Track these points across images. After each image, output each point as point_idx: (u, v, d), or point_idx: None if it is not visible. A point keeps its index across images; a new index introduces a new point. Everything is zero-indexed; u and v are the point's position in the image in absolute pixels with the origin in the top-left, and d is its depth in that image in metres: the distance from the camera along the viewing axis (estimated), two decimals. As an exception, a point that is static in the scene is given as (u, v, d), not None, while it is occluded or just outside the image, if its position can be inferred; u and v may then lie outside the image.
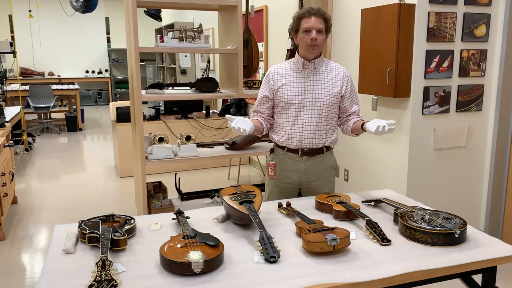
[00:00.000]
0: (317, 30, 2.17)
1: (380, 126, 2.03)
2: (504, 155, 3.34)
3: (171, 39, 3.51)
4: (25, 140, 6.87)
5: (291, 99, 2.27)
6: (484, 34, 3.20)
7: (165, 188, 4.17)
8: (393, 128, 2.05)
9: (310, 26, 2.17)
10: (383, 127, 2.03)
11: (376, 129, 2.04)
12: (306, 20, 2.18)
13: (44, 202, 4.58)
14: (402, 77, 3.06)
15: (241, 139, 3.81)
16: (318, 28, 2.17)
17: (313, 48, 2.21)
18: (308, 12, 2.19)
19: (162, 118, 5.62)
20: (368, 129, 2.12)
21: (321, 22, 2.18)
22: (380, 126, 2.03)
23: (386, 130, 2.03)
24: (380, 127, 2.03)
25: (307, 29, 2.18)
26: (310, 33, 2.17)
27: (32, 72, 11.68)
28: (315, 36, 2.17)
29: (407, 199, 2.24)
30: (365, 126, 2.16)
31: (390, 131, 2.05)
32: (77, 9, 6.31)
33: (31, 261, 3.27)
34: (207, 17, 7.32)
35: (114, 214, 1.87)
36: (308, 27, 2.18)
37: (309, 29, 2.18)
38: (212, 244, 1.55)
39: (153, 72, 10.53)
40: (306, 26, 2.18)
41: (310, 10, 2.19)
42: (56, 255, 1.62)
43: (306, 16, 2.19)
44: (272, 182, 2.44)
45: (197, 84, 3.65)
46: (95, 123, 9.60)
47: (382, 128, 2.03)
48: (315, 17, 2.17)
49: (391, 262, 1.55)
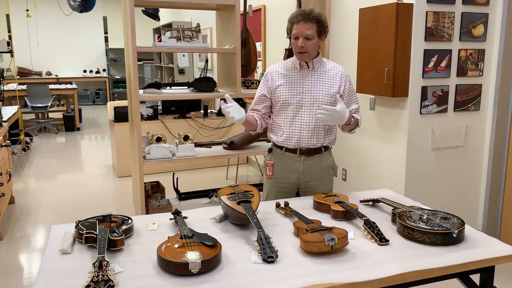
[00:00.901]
0: (305, 37, 2.15)
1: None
2: (502, 154, 3.34)
3: (169, 38, 3.50)
4: (22, 140, 6.85)
5: (289, 99, 2.27)
6: (482, 33, 3.21)
7: (163, 188, 4.16)
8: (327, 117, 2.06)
9: (296, 33, 2.17)
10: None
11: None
12: (295, 26, 2.18)
13: (42, 202, 4.57)
14: (400, 77, 3.06)
15: (239, 138, 3.80)
16: (305, 35, 2.15)
17: (301, 56, 2.21)
18: (297, 17, 2.17)
19: (160, 117, 5.61)
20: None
21: (310, 27, 2.14)
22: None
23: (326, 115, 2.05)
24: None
25: (295, 36, 2.18)
26: (297, 40, 2.17)
27: (30, 72, 11.65)
28: (302, 43, 2.16)
29: (405, 199, 2.24)
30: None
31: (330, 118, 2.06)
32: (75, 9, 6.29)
33: (28, 261, 3.26)
34: (205, 17, 7.31)
35: (112, 214, 1.87)
36: (295, 34, 2.18)
37: (296, 36, 2.18)
38: (210, 244, 1.54)
39: (151, 71, 10.52)
40: (294, 32, 2.18)
41: (301, 14, 2.16)
42: (53, 255, 1.61)
43: (294, 21, 2.18)
44: (270, 182, 2.43)
45: (195, 84, 3.64)
46: (93, 123, 9.59)
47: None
48: (304, 23, 2.14)
49: (389, 262, 1.55)
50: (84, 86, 12.77)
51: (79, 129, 8.74)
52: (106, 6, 12.58)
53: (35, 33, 11.93)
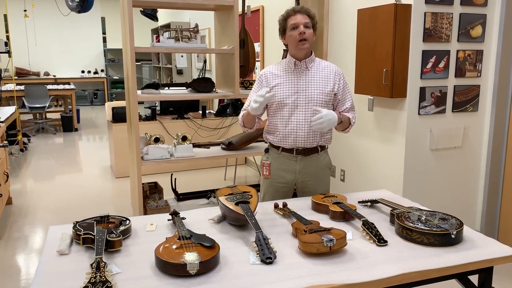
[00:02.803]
0: (304, 25, 2.21)
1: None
2: (500, 155, 3.35)
3: (167, 39, 3.49)
4: (20, 140, 6.83)
5: (284, 99, 2.27)
6: (480, 34, 3.21)
7: (161, 188, 4.16)
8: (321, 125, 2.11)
9: (296, 22, 2.22)
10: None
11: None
12: (292, 18, 2.24)
13: (39, 202, 4.55)
14: (398, 78, 3.06)
15: (237, 139, 3.80)
16: (304, 23, 2.21)
17: (303, 43, 2.23)
18: (292, 10, 2.25)
19: (158, 118, 5.60)
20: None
21: (306, 18, 2.23)
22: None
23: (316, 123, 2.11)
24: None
25: (294, 25, 2.23)
26: (298, 28, 2.21)
27: (28, 72, 11.63)
28: (303, 29, 2.21)
29: (404, 200, 2.24)
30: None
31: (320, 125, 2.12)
32: (73, 9, 6.28)
33: (26, 262, 3.25)
34: (203, 17, 7.31)
35: (109, 215, 1.86)
36: (295, 23, 2.23)
37: (296, 25, 2.22)
38: (208, 245, 1.54)
39: (149, 72, 10.50)
40: (293, 22, 2.23)
41: (294, 8, 2.26)
42: (50, 256, 1.60)
43: (291, 14, 2.25)
44: (267, 182, 2.43)
45: (193, 84, 3.64)
46: (91, 123, 9.57)
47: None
48: (300, 14, 2.23)
49: (388, 262, 1.55)
50: (82, 87, 12.75)
51: (77, 130, 8.72)
52: (104, 7, 12.56)
53: (33, 34, 11.91)
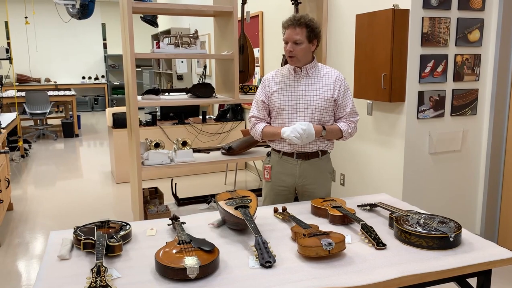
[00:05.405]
0: (293, 41, 2.20)
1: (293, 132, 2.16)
2: (498, 159, 3.35)
3: (167, 45, 3.51)
4: (21, 146, 6.85)
5: (283, 104, 2.29)
6: (477, 38, 3.23)
7: (161, 193, 4.16)
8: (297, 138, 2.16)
9: (286, 38, 2.23)
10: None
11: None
12: (286, 32, 2.23)
13: (40, 208, 4.56)
14: (396, 82, 3.08)
15: (237, 144, 3.81)
16: (294, 40, 2.19)
17: (291, 60, 2.24)
18: (287, 22, 2.23)
19: (158, 123, 5.62)
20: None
21: (298, 32, 2.19)
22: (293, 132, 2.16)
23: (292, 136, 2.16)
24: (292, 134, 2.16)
25: (285, 40, 2.24)
26: (288, 44, 2.22)
27: (28, 79, 11.66)
28: (290, 48, 2.21)
29: (403, 203, 2.24)
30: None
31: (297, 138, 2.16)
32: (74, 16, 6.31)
33: (26, 268, 3.26)
34: (203, 23, 7.35)
35: (110, 220, 1.87)
36: (285, 39, 2.24)
37: (285, 41, 2.23)
38: (208, 250, 1.55)
39: (150, 78, 10.53)
40: (285, 37, 2.23)
41: (291, 19, 2.22)
42: (51, 262, 1.61)
43: (285, 27, 2.24)
44: (268, 185, 2.44)
45: (193, 90, 3.66)
46: (92, 129, 9.59)
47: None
48: (293, 28, 2.19)
49: (387, 266, 1.56)
50: (83, 93, 12.79)
51: (78, 136, 8.74)
52: (104, 13, 12.62)
53: (34, 40, 11.96)
